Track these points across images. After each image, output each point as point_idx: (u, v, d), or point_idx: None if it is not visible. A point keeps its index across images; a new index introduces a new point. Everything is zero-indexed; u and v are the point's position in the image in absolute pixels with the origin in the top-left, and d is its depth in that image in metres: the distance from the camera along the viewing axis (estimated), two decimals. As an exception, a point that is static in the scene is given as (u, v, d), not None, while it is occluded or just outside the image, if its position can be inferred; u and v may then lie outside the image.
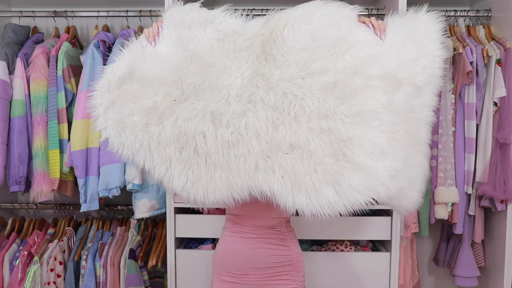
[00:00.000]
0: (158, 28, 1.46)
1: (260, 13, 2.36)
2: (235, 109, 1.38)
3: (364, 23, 1.41)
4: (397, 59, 1.37)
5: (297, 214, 1.42)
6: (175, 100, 1.41)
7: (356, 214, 1.39)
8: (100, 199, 2.20)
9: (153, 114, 1.42)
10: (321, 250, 2.27)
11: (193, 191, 1.42)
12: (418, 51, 1.39)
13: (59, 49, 2.22)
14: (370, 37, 1.39)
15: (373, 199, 1.35)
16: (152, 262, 2.24)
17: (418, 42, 1.40)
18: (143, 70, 1.43)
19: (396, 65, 1.37)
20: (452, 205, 2.29)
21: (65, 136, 2.22)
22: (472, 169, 2.28)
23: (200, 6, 1.46)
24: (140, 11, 2.39)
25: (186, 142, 1.41)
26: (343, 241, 2.28)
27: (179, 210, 2.22)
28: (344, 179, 1.33)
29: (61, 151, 2.21)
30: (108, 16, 2.42)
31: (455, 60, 2.28)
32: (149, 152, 1.43)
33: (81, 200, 2.18)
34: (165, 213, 2.21)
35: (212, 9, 2.45)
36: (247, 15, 2.37)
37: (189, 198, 1.43)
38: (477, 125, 2.28)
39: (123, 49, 1.47)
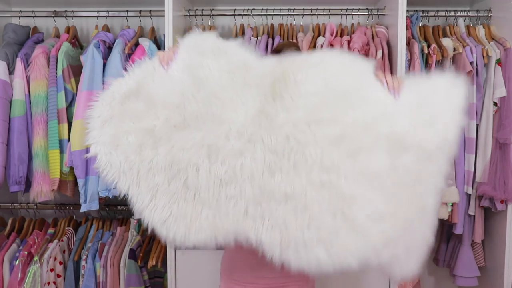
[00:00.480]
0: (173, 54, 1.42)
1: (260, 13, 2.37)
2: (233, 146, 1.31)
3: (379, 78, 1.34)
4: (409, 121, 1.30)
5: None
6: (175, 126, 1.35)
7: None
8: (100, 199, 2.20)
9: (150, 137, 1.36)
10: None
11: (174, 228, 1.33)
12: (434, 116, 1.30)
13: (59, 49, 2.22)
14: (384, 95, 1.33)
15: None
16: (152, 262, 2.24)
17: (435, 106, 1.31)
18: (150, 90, 1.38)
19: (406, 127, 1.29)
20: (452, 205, 2.29)
21: (65, 136, 2.22)
22: (472, 169, 2.28)
23: (217, 36, 1.42)
24: (140, 11, 2.39)
25: (178, 173, 1.34)
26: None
27: (179, 210, 2.22)
28: (338, 239, 1.25)
29: (61, 151, 2.21)
30: (108, 16, 2.42)
31: (455, 60, 2.28)
32: (137, 177, 1.36)
33: (81, 200, 2.18)
34: (165, 213, 2.20)
35: (212, 10, 2.46)
36: (247, 15, 2.38)
37: (167, 235, 1.34)
38: (477, 125, 2.28)
39: (134, 66, 1.44)
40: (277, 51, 1.64)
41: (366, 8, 2.41)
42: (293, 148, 1.28)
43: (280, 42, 1.59)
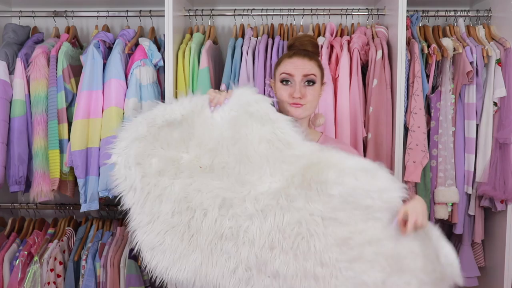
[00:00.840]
0: (224, 100, 1.46)
1: (260, 13, 2.37)
2: (246, 209, 1.37)
3: (402, 216, 1.35)
4: (410, 252, 1.35)
5: None
6: (200, 167, 1.41)
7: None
8: (100, 199, 2.20)
9: (173, 167, 1.41)
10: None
11: (159, 258, 1.38)
12: (433, 269, 1.37)
13: (59, 49, 2.22)
14: (396, 225, 1.36)
15: None
16: (152, 262, 2.23)
17: (438, 265, 1.37)
18: (192, 126, 1.43)
19: (408, 257, 1.35)
20: (452, 205, 2.29)
21: (65, 136, 2.22)
22: (472, 169, 2.28)
23: (272, 104, 1.46)
24: (140, 11, 2.39)
25: (185, 210, 1.39)
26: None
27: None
28: None
29: (61, 151, 2.21)
30: (108, 16, 2.42)
31: (455, 60, 2.28)
32: (144, 198, 1.41)
33: (81, 200, 2.18)
34: (165, 213, 2.20)
35: (212, 10, 2.46)
36: (247, 15, 2.38)
37: (150, 262, 1.39)
38: (477, 125, 2.28)
39: (186, 97, 1.46)
40: (290, 45, 1.65)
41: (366, 8, 2.41)
42: (301, 233, 1.34)
43: (297, 35, 1.65)
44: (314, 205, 1.35)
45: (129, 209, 1.43)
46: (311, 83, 1.55)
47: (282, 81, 1.56)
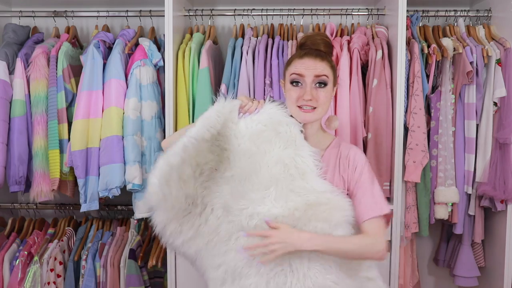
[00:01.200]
0: (255, 110, 1.46)
1: (260, 13, 2.37)
2: (240, 221, 1.41)
3: None
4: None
5: None
6: (216, 169, 1.44)
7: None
8: (100, 199, 2.20)
9: (198, 169, 1.43)
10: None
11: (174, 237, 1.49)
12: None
13: (59, 49, 2.22)
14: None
15: None
16: (152, 262, 2.24)
17: None
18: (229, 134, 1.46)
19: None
20: (452, 205, 2.29)
21: (65, 136, 2.22)
22: (472, 169, 2.28)
23: (302, 131, 1.47)
24: (140, 11, 2.39)
25: (200, 203, 1.46)
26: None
27: (179, 210, 2.22)
28: None
29: (61, 151, 2.21)
30: (108, 16, 2.42)
31: (455, 60, 2.28)
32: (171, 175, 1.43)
33: (81, 200, 2.18)
34: (165, 213, 2.20)
35: (212, 10, 2.46)
36: (247, 15, 2.38)
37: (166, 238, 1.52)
38: (477, 125, 2.28)
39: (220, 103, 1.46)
40: (301, 44, 1.56)
41: (366, 8, 2.41)
42: (282, 265, 1.38)
43: (307, 33, 1.62)
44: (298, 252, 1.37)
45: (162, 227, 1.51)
46: (323, 85, 1.47)
47: (292, 82, 1.48)
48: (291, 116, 1.48)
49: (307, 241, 1.35)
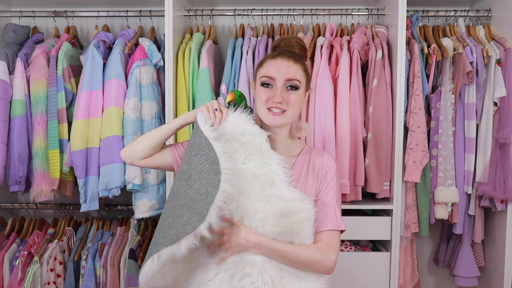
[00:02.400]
0: (219, 121, 1.40)
1: (260, 13, 2.37)
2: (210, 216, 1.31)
3: None
4: None
5: None
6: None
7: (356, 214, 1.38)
8: (100, 199, 2.20)
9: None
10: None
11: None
12: None
13: (59, 49, 2.22)
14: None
15: None
16: (152, 262, 2.23)
17: None
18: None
19: None
20: (452, 205, 2.29)
21: (65, 136, 2.22)
22: (472, 169, 2.28)
23: (267, 140, 1.42)
24: (140, 11, 2.39)
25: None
26: (343, 241, 2.28)
27: (179, 210, 2.22)
28: None
29: (61, 151, 2.21)
30: (108, 16, 2.42)
31: (455, 60, 2.28)
32: None
33: (81, 200, 2.18)
34: (165, 213, 2.20)
35: (212, 10, 2.45)
36: (247, 15, 2.38)
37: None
38: (477, 125, 2.28)
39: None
40: (275, 46, 1.50)
41: (366, 8, 2.41)
42: (250, 276, 1.34)
43: (284, 35, 1.54)
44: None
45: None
46: (294, 88, 1.41)
47: (262, 84, 1.42)
48: (260, 121, 1.44)
49: (252, 247, 1.34)
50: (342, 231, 1.46)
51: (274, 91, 1.40)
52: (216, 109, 1.41)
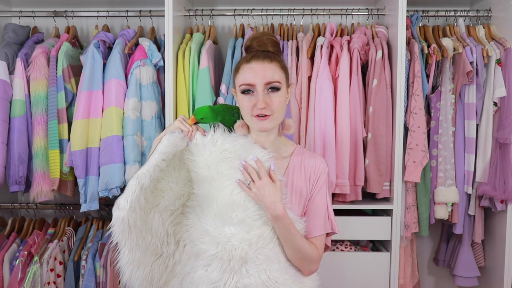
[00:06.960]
0: (194, 134, 1.42)
1: (260, 13, 2.37)
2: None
3: None
4: None
5: None
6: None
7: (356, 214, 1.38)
8: (100, 199, 2.20)
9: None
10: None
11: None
12: None
13: (59, 49, 2.22)
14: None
15: None
16: (152, 262, 2.23)
17: None
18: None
19: None
20: (452, 205, 2.29)
21: (65, 136, 2.22)
22: (472, 169, 2.28)
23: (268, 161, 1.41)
24: (140, 11, 2.39)
25: (172, 242, 1.47)
26: (343, 241, 2.28)
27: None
28: None
29: (61, 151, 2.21)
30: (108, 16, 2.42)
31: (455, 60, 2.28)
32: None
33: (81, 200, 2.18)
34: (165, 213, 2.20)
35: (212, 10, 2.45)
36: (247, 15, 2.38)
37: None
38: (477, 125, 2.28)
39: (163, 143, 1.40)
40: (247, 47, 1.46)
41: (366, 8, 2.41)
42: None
43: (253, 35, 1.52)
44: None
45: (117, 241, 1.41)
46: (276, 89, 1.37)
47: (243, 91, 1.38)
48: (246, 125, 1.45)
49: (273, 213, 1.33)
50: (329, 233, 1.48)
51: (256, 97, 1.37)
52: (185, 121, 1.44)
